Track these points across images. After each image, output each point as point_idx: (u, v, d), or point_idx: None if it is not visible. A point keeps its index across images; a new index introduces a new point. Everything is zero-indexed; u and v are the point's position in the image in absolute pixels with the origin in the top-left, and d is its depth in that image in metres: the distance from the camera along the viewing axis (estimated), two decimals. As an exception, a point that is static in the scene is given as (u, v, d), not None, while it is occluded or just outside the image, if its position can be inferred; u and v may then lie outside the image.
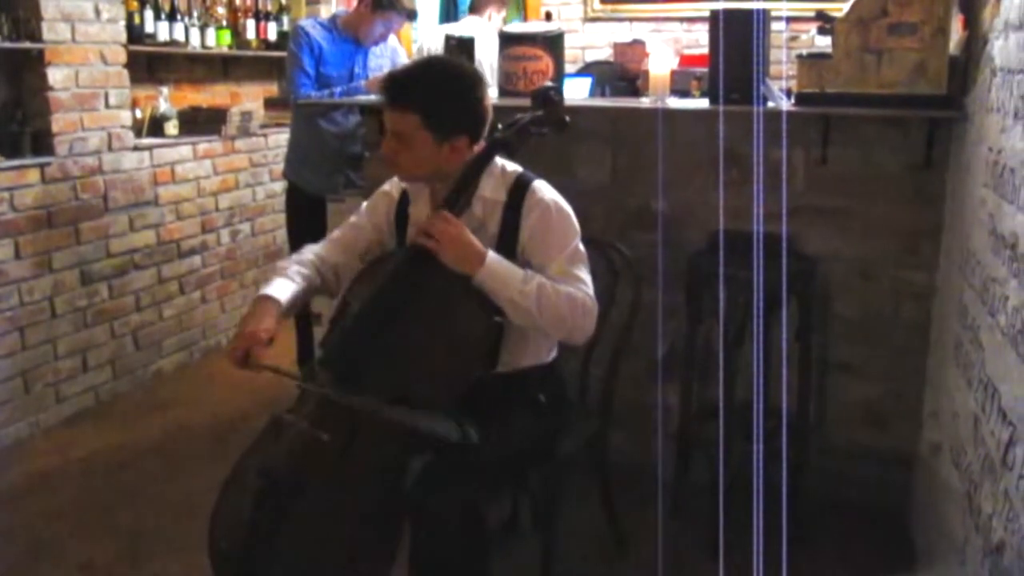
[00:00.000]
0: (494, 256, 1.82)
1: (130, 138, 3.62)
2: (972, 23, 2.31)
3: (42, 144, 3.25)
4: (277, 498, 1.68)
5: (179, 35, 3.93)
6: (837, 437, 2.72)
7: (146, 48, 3.78)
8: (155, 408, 3.54)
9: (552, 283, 1.82)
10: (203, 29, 4.08)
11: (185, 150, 3.94)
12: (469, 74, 1.91)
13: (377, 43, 3.55)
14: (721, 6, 2.56)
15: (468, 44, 2.94)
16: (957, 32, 2.43)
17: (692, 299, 2.57)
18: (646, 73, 3.05)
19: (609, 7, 5.21)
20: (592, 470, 2.35)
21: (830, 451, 2.70)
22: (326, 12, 4.49)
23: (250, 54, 4.44)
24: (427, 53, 4.30)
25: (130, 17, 3.64)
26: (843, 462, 2.69)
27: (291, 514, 1.69)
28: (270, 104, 4.66)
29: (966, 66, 2.33)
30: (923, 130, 2.48)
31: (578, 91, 3.40)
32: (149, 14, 3.76)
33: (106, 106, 3.48)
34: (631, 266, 2.29)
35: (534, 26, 3.45)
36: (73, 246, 3.39)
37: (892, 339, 2.64)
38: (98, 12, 3.40)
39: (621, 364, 2.31)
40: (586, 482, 2.36)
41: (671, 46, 4.71)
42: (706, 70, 2.74)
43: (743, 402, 2.40)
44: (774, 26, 2.70)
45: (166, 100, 3.96)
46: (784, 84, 2.77)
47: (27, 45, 3.15)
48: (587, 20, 5.24)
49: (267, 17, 4.47)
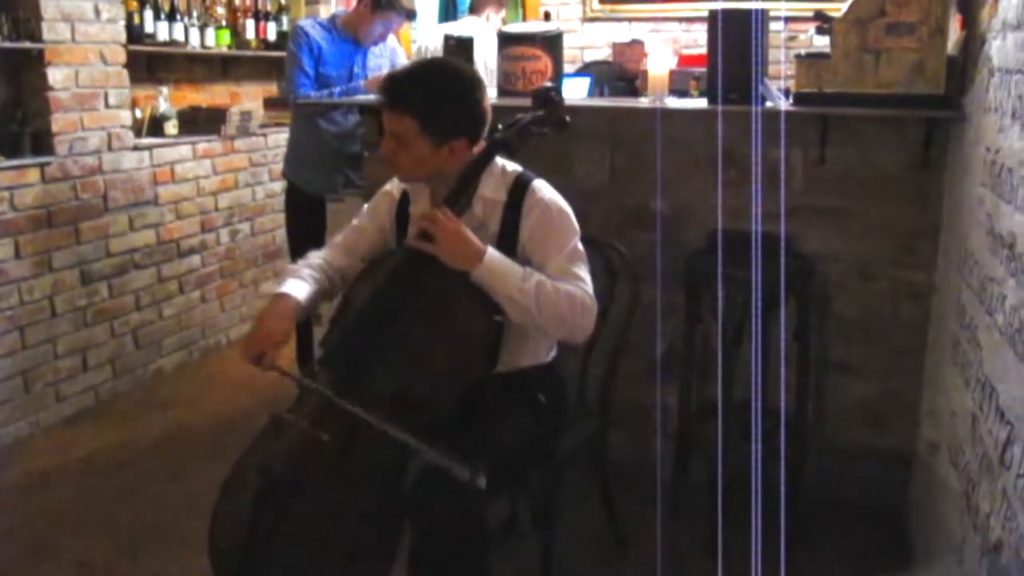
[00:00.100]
0: (493, 253, 1.82)
1: (130, 138, 3.62)
2: (970, 23, 2.32)
3: (42, 144, 3.26)
4: (277, 498, 1.68)
5: (179, 35, 3.93)
6: (835, 437, 2.72)
7: (146, 48, 3.79)
8: (155, 407, 3.54)
9: (552, 281, 1.82)
10: (203, 29, 4.08)
11: (185, 150, 3.94)
12: (468, 76, 1.91)
13: (376, 43, 3.55)
14: (720, 6, 2.56)
15: (467, 44, 2.94)
16: (955, 32, 2.43)
17: (691, 299, 2.58)
18: (645, 73, 3.05)
19: (608, 7, 5.21)
20: (591, 470, 2.36)
21: (828, 451, 2.70)
22: (325, 12, 4.49)
23: (249, 54, 4.44)
24: (426, 53, 4.31)
25: (130, 17, 3.65)
26: (841, 461, 2.70)
27: (291, 514, 1.69)
28: (269, 104, 4.65)
29: (964, 66, 2.34)
30: (921, 130, 2.49)
31: (577, 91, 3.40)
32: (149, 14, 3.76)
33: (106, 106, 3.49)
34: (630, 266, 2.29)
35: (533, 26, 3.45)
36: (73, 246, 3.40)
37: (890, 339, 2.64)
38: (98, 12, 3.40)
39: (620, 364, 2.31)
40: (586, 482, 2.37)
41: (670, 46, 4.70)
42: (705, 70, 2.74)
43: (742, 402, 2.40)
44: (772, 26, 2.70)
45: (166, 100, 3.97)
46: (782, 84, 2.77)
47: (27, 45, 3.15)
48: (586, 20, 5.24)
49: (266, 17, 4.47)
